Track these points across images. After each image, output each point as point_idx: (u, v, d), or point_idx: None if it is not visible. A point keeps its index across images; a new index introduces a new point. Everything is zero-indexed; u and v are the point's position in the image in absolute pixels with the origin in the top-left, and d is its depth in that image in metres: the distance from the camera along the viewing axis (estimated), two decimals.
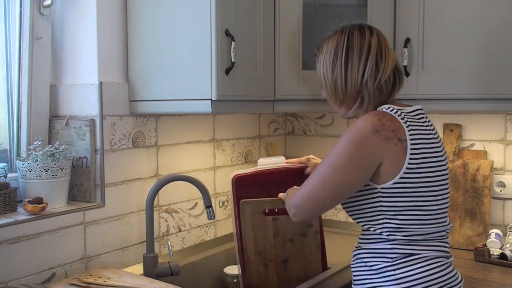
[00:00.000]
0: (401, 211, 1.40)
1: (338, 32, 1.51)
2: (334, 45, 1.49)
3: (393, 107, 1.43)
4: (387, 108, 1.43)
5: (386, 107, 1.44)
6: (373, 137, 1.35)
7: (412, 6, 1.94)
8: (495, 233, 2.05)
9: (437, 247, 1.45)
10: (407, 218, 1.40)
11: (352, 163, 1.37)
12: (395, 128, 1.37)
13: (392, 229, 1.42)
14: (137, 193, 1.95)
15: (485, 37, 1.83)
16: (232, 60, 1.68)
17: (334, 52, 1.49)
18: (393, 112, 1.41)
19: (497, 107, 1.85)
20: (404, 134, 1.38)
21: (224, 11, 1.67)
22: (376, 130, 1.36)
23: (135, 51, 1.87)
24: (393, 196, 1.40)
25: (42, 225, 1.65)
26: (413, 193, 1.39)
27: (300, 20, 1.95)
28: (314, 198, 1.44)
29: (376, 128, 1.36)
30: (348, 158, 1.37)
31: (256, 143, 2.51)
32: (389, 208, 1.41)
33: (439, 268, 1.42)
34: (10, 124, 1.86)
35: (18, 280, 1.59)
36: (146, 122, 1.97)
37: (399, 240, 1.42)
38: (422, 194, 1.40)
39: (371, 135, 1.35)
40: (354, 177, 1.38)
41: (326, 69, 1.51)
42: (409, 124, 1.40)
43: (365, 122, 1.37)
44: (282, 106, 1.98)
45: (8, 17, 1.83)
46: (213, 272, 2.11)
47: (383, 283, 1.42)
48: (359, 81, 1.46)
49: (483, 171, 2.16)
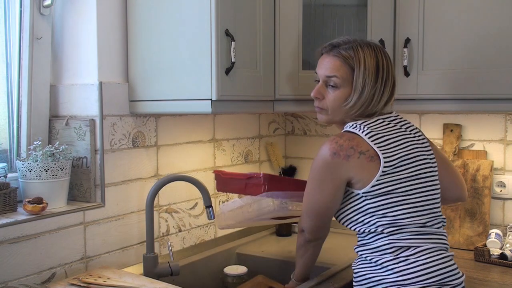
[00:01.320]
0: (389, 207, 1.48)
1: (373, 48, 1.57)
2: (375, 61, 1.55)
3: (356, 123, 1.54)
4: (350, 126, 1.55)
5: (350, 125, 1.55)
6: (332, 160, 1.49)
7: (412, 6, 1.94)
8: (495, 233, 2.05)
9: (435, 240, 1.52)
10: (396, 213, 1.48)
11: (322, 186, 1.53)
12: (353, 144, 1.49)
13: (386, 225, 1.49)
14: (137, 193, 1.95)
15: (485, 37, 1.83)
16: (232, 60, 1.68)
17: (377, 68, 1.55)
18: (355, 129, 1.53)
19: (497, 107, 1.85)
20: (367, 145, 1.49)
21: (224, 11, 1.67)
22: (334, 152, 1.49)
23: (135, 51, 1.87)
24: (377, 196, 1.48)
25: (42, 225, 1.65)
26: (394, 191, 1.48)
27: (300, 20, 1.95)
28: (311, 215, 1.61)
29: (334, 151, 1.49)
30: (317, 183, 1.55)
31: (256, 143, 2.51)
32: (377, 208, 1.49)
33: (440, 260, 1.49)
34: (10, 124, 1.86)
35: (18, 280, 1.59)
36: (146, 122, 1.97)
37: (395, 234, 1.49)
38: (405, 189, 1.50)
39: (330, 158, 1.49)
40: (329, 197, 1.54)
41: (367, 81, 1.54)
42: (373, 134, 1.51)
43: (325, 149, 1.51)
44: (282, 106, 1.98)
45: (8, 17, 1.83)
46: (213, 272, 2.11)
47: (386, 276, 1.48)
48: (385, 100, 1.57)
49: (483, 171, 2.16)
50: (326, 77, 1.58)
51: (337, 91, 1.57)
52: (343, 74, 1.55)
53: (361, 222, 1.53)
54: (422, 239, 1.49)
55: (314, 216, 1.60)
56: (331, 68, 1.57)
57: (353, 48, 1.56)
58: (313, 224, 1.62)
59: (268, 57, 1.90)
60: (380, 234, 1.50)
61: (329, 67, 1.57)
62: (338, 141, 1.50)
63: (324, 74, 1.58)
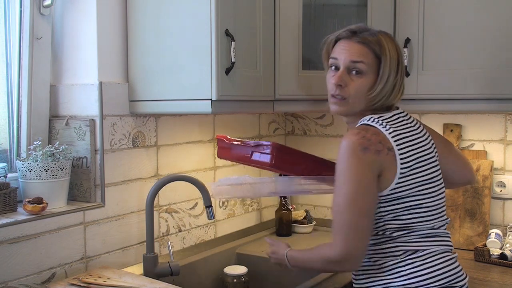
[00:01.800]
0: (401, 213, 1.43)
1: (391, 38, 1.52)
2: (396, 51, 1.50)
3: (373, 117, 1.47)
4: (368, 120, 1.47)
5: (367, 118, 1.48)
6: (364, 155, 1.38)
7: (412, 6, 1.94)
8: (495, 233, 2.05)
9: (441, 242, 1.48)
10: (408, 217, 1.44)
11: (363, 183, 1.38)
12: (381, 139, 1.41)
13: (394, 229, 1.44)
14: (137, 193, 1.95)
15: (485, 37, 1.83)
16: (232, 60, 1.68)
17: (397, 58, 1.49)
18: (374, 123, 1.45)
19: (497, 107, 1.85)
20: (390, 142, 1.42)
21: (224, 11, 1.67)
22: (364, 148, 1.39)
23: (135, 51, 1.87)
24: (391, 200, 1.43)
25: (42, 225, 1.65)
26: (410, 195, 1.43)
27: (300, 20, 1.95)
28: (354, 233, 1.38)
29: (363, 146, 1.39)
30: (356, 183, 1.38)
31: None
32: (388, 213, 1.44)
33: (446, 263, 1.45)
34: (10, 124, 1.86)
35: (18, 280, 1.59)
36: (146, 122, 1.97)
37: (402, 238, 1.44)
38: (419, 193, 1.44)
39: (361, 154, 1.38)
40: (372, 192, 1.40)
41: (392, 71, 1.47)
42: (393, 131, 1.44)
43: (351, 145, 1.39)
44: (282, 106, 1.98)
45: (8, 17, 1.83)
46: (213, 272, 2.11)
47: (393, 280, 1.43)
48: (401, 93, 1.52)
49: (483, 171, 2.16)
50: (351, 63, 1.47)
51: (362, 78, 1.47)
52: (369, 60, 1.47)
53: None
54: (429, 241, 1.45)
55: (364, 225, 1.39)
56: (357, 53, 1.47)
57: (376, 35, 1.49)
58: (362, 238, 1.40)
59: (268, 57, 1.90)
60: (387, 237, 1.45)
61: (355, 52, 1.47)
62: (365, 135, 1.41)
63: (349, 59, 1.47)
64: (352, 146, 1.39)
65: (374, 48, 1.47)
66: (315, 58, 1.69)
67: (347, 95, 1.48)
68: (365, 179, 1.38)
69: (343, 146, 1.40)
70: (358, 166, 1.38)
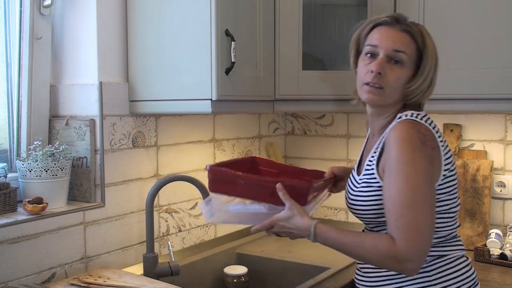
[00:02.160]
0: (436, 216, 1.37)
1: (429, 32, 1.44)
2: (434, 46, 1.42)
3: (416, 113, 1.38)
4: (411, 115, 1.37)
5: (409, 114, 1.38)
6: (424, 148, 1.30)
7: (412, 6, 1.94)
8: (495, 233, 2.05)
9: (459, 246, 1.45)
10: (438, 221, 1.37)
11: (429, 176, 1.31)
12: (432, 136, 1.35)
13: None
14: (137, 193, 1.95)
15: (485, 37, 1.83)
16: (232, 60, 1.68)
17: (436, 54, 1.42)
18: (419, 119, 1.36)
19: (497, 107, 1.85)
20: (437, 141, 1.35)
21: (224, 11, 1.67)
22: (422, 142, 1.31)
23: (135, 51, 1.87)
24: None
25: (42, 225, 1.65)
26: (445, 199, 1.38)
27: (300, 20, 1.95)
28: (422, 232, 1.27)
29: (422, 140, 1.31)
30: (424, 175, 1.29)
31: (256, 143, 2.51)
32: None
33: (467, 267, 1.43)
34: (10, 124, 1.86)
35: (18, 280, 1.59)
36: (146, 122, 1.97)
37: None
38: (451, 197, 1.40)
39: (422, 147, 1.30)
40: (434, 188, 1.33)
41: (432, 66, 1.41)
42: (437, 130, 1.38)
43: (411, 137, 1.31)
44: (282, 106, 1.98)
45: (8, 17, 1.83)
46: (213, 272, 2.11)
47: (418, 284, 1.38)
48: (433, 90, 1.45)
49: (483, 171, 2.16)
50: (394, 52, 1.37)
51: (402, 69, 1.38)
52: (411, 51, 1.38)
53: None
54: (449, 246, 1.41)
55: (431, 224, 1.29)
56: (401, 42, 1.38)
57: (418, 25, 1.41)
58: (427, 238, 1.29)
59: (268, 57, 1.90)
60: None
61: (398, 41, 1.38)
62: (420, 129, 1.33)
63: (392, 47, 1.37)
64: (413, 139, 1.30)
65: (417, 38, 1.39)
66: (315, 58, 1.69)
67: (384, 85, 1.38)
68: (429, 172, 1.30)
69: (401, 138, 1.31)
70: (423, 158, 1.29)
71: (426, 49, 1.40)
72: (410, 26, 1.40)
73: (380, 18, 1.44)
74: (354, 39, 1.49)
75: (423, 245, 1.27)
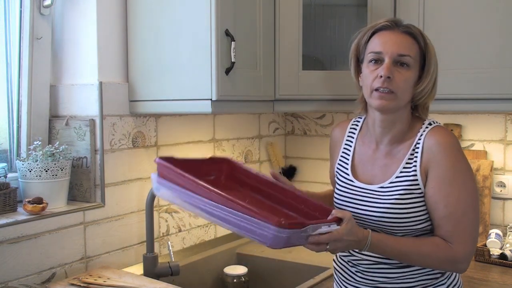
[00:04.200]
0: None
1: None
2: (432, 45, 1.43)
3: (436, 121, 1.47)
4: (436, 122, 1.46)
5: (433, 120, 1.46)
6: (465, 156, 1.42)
7: (412, 6, 1.94)
8: (495, 233, 2.04)
9: None
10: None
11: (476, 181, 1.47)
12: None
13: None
14: (137, 193, 1.95)
15: (485, 37, 1.83)
16: (232, 60, 1.68)
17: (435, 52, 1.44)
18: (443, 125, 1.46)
19: (497, 107, 1.85)
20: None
21: (224, 11, 1.67)
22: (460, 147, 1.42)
23: (135, 51, 1.87)
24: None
25: (42, 225, 1.65)
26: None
27: (300, 20, 1.95)
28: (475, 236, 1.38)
29: (460, 145, 1.43)
30: (475, 182, 1.41)
31: (256, 143, 2.51)
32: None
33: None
34: (10, 124, 1.86)
35: (18, 280, 1.59)
36: (146, 122, 1.97)
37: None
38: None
39: (464, 154, 1.41)
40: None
41: (435, 67, 1.42)
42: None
43: (457, 143, 1.41)
44: (282, 106, 1.98)
45: (8, 17, 1.83)
46: (213, 272, 2.11)
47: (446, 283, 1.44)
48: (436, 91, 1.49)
49: (483, 171, 2.16)
50: (398, 56, 1.37)
51: (409, 71, 1.38)
52: (415, 53, 1.39)
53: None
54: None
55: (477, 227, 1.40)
56: (405, 46, 1.37)
57: (416, 27, 1.42)
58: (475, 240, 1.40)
59: (268, 57, 1.90)
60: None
61: (401, 44, 1.37)
62: (455, 136, 1.44)
63: (397, 52, 1.37)
64: (459, 146, 1.41)
65: (419, 39, 1.40)
66: (315, 58, 1.69)
67: (395, 89, 1.36)
68: (475, 179, 1.41)
69: (450, 145, 1.39)
70: (470, 166, 1.39)
71: (428, 49, 1.41)
72: (410, 27, 1.41)
73: (378, 23, 1.42)
74: (354, 48, 1.48)
75: (474, 247, 1.39)
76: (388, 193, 1.40)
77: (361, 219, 1.43)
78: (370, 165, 1.47)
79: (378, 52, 1.38)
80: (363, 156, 1.50)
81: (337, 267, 1.54)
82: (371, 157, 1.48)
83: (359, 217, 1.43)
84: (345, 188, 1.49)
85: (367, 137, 1.51)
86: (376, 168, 1.46)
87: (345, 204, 1.47)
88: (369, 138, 1.50)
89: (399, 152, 1.43)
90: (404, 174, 1.40)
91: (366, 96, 1.42)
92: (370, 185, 1.44)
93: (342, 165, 1.53)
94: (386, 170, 1.43)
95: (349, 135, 1.55)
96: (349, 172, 1.49)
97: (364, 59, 1.43)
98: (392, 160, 1.44)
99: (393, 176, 1.41)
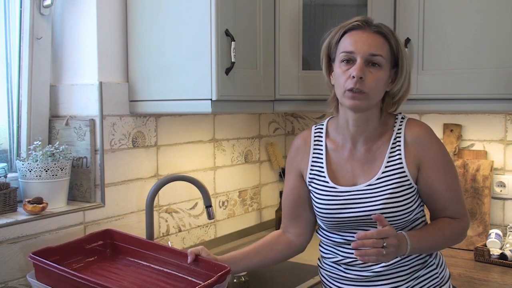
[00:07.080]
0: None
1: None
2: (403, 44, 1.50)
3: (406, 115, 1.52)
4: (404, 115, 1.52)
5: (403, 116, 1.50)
6: None
7: (412, 6, 1.94)
8: (495, 233, 2.05)
9: None
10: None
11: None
12: None
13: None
14: (137, 193, 1.95)
15: (485, 37, 1.83)
16: (232, 60, 1.68)
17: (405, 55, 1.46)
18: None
19: (497, 107, 1.85)
20: None
21: (224, 11, 1.67)
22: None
23: (135, 51, 1.87)
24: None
25: (42, 225, 1.65)
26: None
27: (300, 20, 1.95)
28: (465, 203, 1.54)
29: None
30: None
31: (256, 143, 2.51)
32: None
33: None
34: (10, 124, 1.86)
35: (18, 280, 1.59)
36: (146, 122, 1.97)
37: None
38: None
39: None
40: None
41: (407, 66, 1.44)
42: None
43: (429, 127, 1.48)
44: (282, 106, 1.98)
45: (8, 17, 1.83)
46: None
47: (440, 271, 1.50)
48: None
49: (483, 171, 2.16)
50: (370, 55, 1.37)
51: (380, 71, 1.38)
52: (386, 53, 1.39)
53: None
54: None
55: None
56: (376, 45, 1.38)
57: (387, 27, 1.42)
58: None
59: (268, 57, 1.90)
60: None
61: (373, 44, 1.38)
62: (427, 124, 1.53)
63: (369, 52, 1.37)
64: (433, 131, 1.48)
65: (390, 39, 1.40)
66: (315, 58, 1.69)
67: (367, 89, 1.37)
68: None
69: (431, 132, 1.46)
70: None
71: (400, 48, 1.42)
72: (381, 27, 1.41)
73: (350, 23, 1.42)
74: (325, 47, 1.48)
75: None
76: (379, 189, 1.40)
77: (354, 222, 1.41)
78: (350, 166, 1.46)
79: (350, 52, 1.38)
80: (339, 159, 1.48)
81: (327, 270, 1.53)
82: (349, 158, 1.46)
83: (352, 221, 1.41)
84: (328, 196, 1.45)
85: (339, 139, 1.49)
86: (357, 168, 1.45)
87: (332, 212, 1.43)
88: (342, 140, 1.49)
89: (379, 148, 1.44)
90: (390, 168, 1.41)
91: (339, 95, 1.43)
92: (354, 186, 1.43)
93: (317, 174, 1.49)
94: (368, 168, 1.43)
95: (316, 143, 1.52)
96: (327, 180, 1.46)
97: (336, 59, 1.43)
98: (373, 157, 1.44)
99: (379, 171, 1.41)
